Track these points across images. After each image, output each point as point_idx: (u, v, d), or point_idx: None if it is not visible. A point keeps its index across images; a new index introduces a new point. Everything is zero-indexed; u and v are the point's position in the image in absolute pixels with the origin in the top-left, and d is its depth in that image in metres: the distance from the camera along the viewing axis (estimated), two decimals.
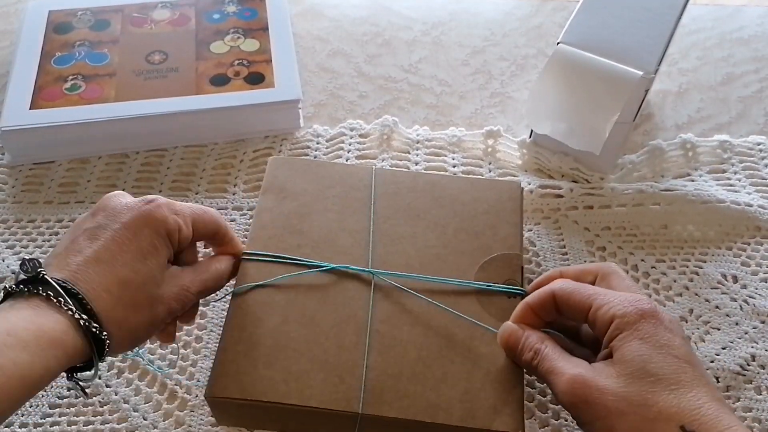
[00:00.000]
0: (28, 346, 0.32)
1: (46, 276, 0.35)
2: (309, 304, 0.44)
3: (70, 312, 0.34)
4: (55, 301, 0.34)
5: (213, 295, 0.44)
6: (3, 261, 0.53)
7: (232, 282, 0.45)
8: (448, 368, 0.42)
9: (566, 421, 0.46)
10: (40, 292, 0.34)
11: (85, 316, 0.34)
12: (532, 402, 0.47)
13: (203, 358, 0.48)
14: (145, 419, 0.46)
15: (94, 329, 0.34)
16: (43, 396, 0.47)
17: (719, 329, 0.51)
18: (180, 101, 0.59)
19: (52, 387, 0.47)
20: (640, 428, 0.34)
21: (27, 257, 0.36)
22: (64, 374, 0.36)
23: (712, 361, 0.49)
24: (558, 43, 0.54)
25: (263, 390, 0.40)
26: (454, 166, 0.60)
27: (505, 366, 0.42)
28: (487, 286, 0.45)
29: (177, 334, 0.46)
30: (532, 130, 0.59)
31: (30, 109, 0.58)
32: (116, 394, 0.47)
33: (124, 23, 0.66)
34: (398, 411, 0.40)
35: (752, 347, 0.50)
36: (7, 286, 0.35)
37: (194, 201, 0.57)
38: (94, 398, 0.47)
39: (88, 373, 0.37)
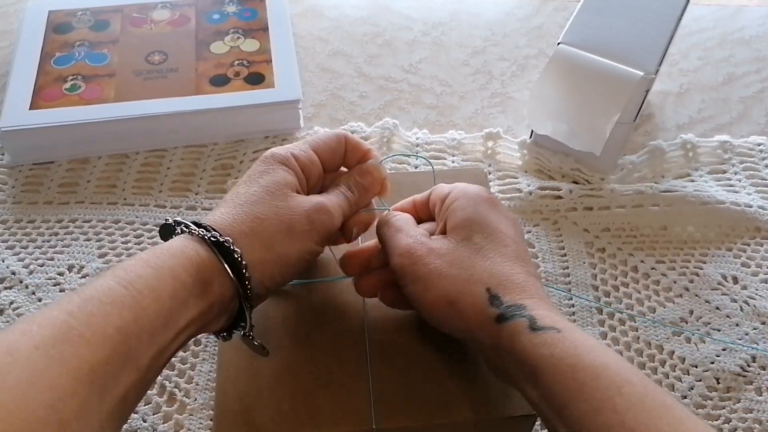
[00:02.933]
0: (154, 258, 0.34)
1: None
2: (302, 326, 0.44)
3: (187, 228, 0.36)
4: (171, 221, 0.37)
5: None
6: (3, 261, 0.53)
7: None
8: (451, 365, 0.42)
9: None
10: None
11: (201, 229, 0.35)
12: None
13: (202, 362, 0.48)
14: (144, 421, 0.46)
15: (213, 238, 0.35)
16: None
17: (720, 330, 0.50)
18: (180, 101, 0.59)
19: None
20: (450, 288, 0.37)
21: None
22: None
23: (712, 362, 0.49)
24: (558, 43, 0.54)
25: (274, 423, 0.39)
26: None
27: None
28: None
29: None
30: (532, 131, 0.59)
31: (30, 109, 0.58)
32: None
33: (123, 23, 0.66)
34: (411, 417, 0.40)
35: (752, 348, 0.50)
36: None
37: (194, 201, 0.57)
38: None
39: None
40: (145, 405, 0.46)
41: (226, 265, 0.35)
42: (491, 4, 0.75)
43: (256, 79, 0.61)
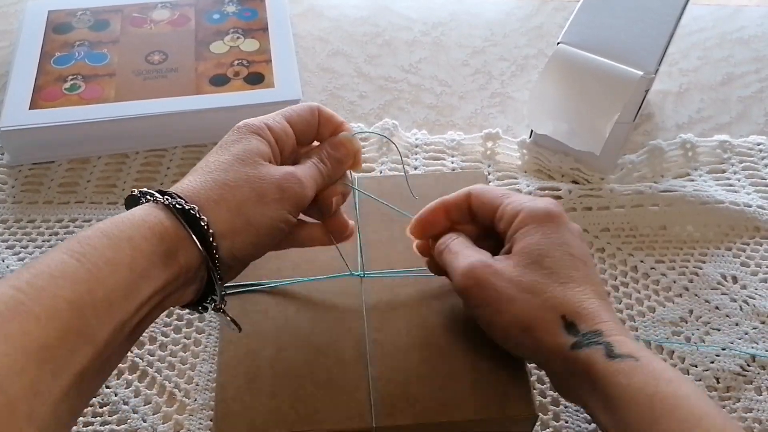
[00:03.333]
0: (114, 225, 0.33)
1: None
2: (301, 326, 0.44)
3: (151, 197, 0.34)
4: (137, 192, 0.35)
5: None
6: (3, 261, 0.53)
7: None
8: (452, 364, 0.42)
9: (566, 423, 0.46)
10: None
11: (166, 195, 0.34)
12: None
13: (202, 362, 0.48)
14: (144, 421, 0.46)
15: (178, 206, 0.34)
16: None
17: (719, 330, 0.51)
18: (180, 101, 0.59)
19: None
20: (524, 314, 0.37)
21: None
22: None
23: (712, 362, 0.49)
24: (558, 43, 0.54)
25: (273, 422, 0.40)
26: (453, 170, 0.60)
27: (508, 352, 0.42)
28: None
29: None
30: (532, 131, 0.59)
31: (30, 109, 0.58)
32: (116, 395, 0.47)
33: (123, 23, 0.66)
34: (412, 417, 0.40)
35: (752, 348, 0.50)
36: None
37: None
38: (93, 399, 0.47)
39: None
40: (145, 405, 0.46)
41: (192, 234, 0.33)
42: (491, 4, 0.75)
43: (256, 79, 0.61)
